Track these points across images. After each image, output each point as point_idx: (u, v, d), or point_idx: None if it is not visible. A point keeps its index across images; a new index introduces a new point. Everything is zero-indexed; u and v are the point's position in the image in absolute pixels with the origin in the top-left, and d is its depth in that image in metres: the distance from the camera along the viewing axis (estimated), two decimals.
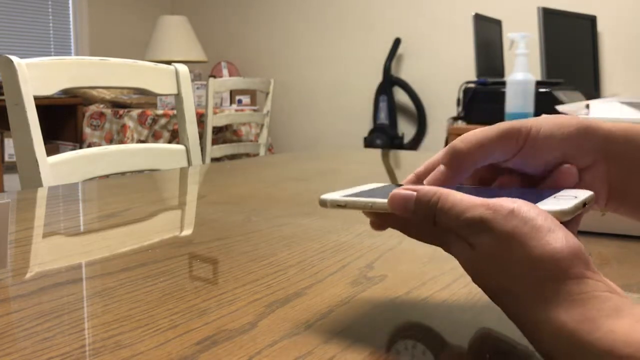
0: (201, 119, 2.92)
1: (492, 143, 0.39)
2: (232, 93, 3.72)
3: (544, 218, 0.32)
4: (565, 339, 0.29)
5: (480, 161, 0.39)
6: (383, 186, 0.43)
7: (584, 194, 0.36)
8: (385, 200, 0.37)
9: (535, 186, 0.41)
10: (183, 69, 1.31)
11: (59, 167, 1.06)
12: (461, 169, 0.39)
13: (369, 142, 3.65)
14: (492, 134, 0.39)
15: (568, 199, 0.35)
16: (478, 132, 0.39)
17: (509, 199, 0.33)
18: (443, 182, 0.39)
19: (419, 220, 0.35)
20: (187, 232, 0.65)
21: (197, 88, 3.34)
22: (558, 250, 0.30)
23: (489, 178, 0.43)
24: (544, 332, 0.30)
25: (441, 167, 0.39)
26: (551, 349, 0.30)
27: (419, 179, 0.42)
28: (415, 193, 0.35)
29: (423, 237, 0.38)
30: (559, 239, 0.31)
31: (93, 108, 3.41)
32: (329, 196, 0.40)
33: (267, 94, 3.19)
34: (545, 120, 0.39)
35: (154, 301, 0.41)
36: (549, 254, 0.30)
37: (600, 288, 0.30)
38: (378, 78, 3.72)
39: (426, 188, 0.35)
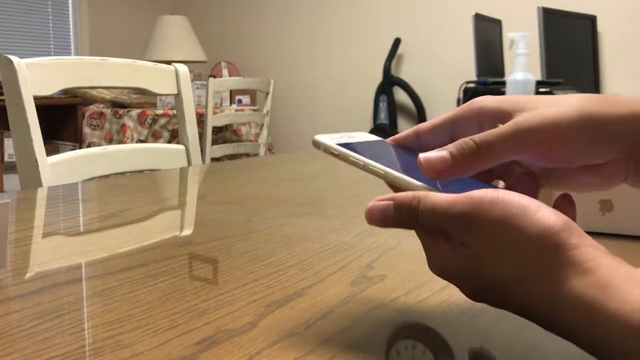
0: (201, 119, 2.91)
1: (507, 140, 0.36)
2: (232, 93, 3.72)
3: (528, 199, 0.32)
4: (585, 309, 0.28)
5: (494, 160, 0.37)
6: (377, 141, 0.42)
7: None
8: (380, 165, 0.36)
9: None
10: (183, 69, 1.30)
11: (58, 167, 1.05)
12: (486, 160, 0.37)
13: None
14: (503, 134, 0.36)
15: None
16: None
17: (490, 189, 0.33)
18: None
19: (402, 226, 0.36)
20: (187, 232, 0.65)
21: (197, 88, 3.34)
22: (552, 224, 0.30)
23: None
24: (563, 308, 0.29)
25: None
26: (572, 322, 0.29)
27: (417, 134, 0.41)
28: (392, 202, 0.36)
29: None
30: (549, 215, 0.31)
31: (93, 108, 3.41)
32: (323, 139, 0.38)
33: (267, 94, 3.19)
34: (543, 109, 0.36)
35: (154, 301, 0.41)
36: (545, 229, 0.30)
37: (604, 256, 0.30)
38: (378, 78, 3.72)
39: (403, 194, 0.35)
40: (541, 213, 0.31)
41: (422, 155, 0.36)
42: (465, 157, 0.36)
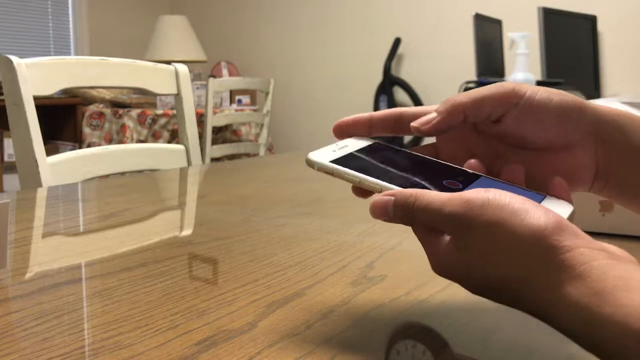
0: (201, 119, 2.91)
1: (485, 96, 0.39)
2: (232, 93, 3.71)
3: (521, 201, 0.32)
4: (582, 315, 0.28)
5: (472, 109, 0.39)
6: (370, 146, 0.42)
7: (567, 210, 0.35)
8: (375, 180, 0.37)
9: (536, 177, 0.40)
10: (183, 68, 1.30)
11: (58, 167, 1.05)
12: (452, 115, 0.40)
13: None
14: (487, 89, 0.40)
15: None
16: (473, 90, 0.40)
17: (483, 188, 0.33)
18: (432, 127, 0.40)
19: (399, 222, 0.36)
20: (187, 232, 0.65)
21: (197, 88, 3.34)
22: (543, 228, 0.30)
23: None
24: (560, 312, 0.29)
25: (433, 114, 0.40)
26: (570, 326, 0.29)
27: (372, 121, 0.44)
28: (393, 198, 0.36)
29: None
30: (539, 216, 0.31)
31: (92, 108, 3.41)
32: (317, 157, 0.39)
33: (267, 93, 3.18)
34: (543, 88, 0.40)
35: (154, 301, 0.41)
36: (534, 233, 0.30)
37: (598, 257, 0.29)
38: (378, 78, 3.71)
39: (403, 191, 0.36)
40: (531, 216, 0.31)
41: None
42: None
